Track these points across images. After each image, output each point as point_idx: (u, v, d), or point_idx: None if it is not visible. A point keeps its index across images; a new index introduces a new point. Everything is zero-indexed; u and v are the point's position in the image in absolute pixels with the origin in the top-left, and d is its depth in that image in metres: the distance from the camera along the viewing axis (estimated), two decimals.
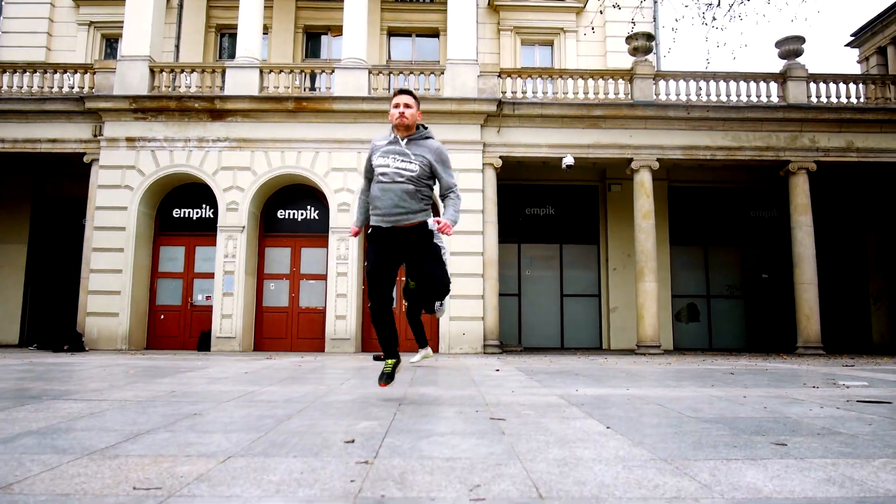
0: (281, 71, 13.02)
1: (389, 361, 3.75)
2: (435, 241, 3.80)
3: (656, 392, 4.73)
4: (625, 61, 14.89)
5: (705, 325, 15.54)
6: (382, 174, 3.56)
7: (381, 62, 16.01)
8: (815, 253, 12.89)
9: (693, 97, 13.08)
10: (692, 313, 15.55)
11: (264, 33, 16.44)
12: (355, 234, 3.93)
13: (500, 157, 12.83)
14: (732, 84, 13.20)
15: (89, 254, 12.59)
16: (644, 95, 12.86)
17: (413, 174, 3.52)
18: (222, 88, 12.92)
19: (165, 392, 4.50)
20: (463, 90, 12.68)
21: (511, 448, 2.50)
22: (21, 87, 13.06)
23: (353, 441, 2.61)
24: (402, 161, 3.53)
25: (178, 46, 16.09)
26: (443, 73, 12.90)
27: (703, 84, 13.16)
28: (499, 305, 12.82)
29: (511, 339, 14.82)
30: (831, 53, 55.42)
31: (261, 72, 12.91)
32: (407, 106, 3.57)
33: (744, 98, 13.14)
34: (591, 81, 13.15)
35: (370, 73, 12.90)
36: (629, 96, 13.00)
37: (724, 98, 13.09)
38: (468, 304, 12.31)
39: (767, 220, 15.75)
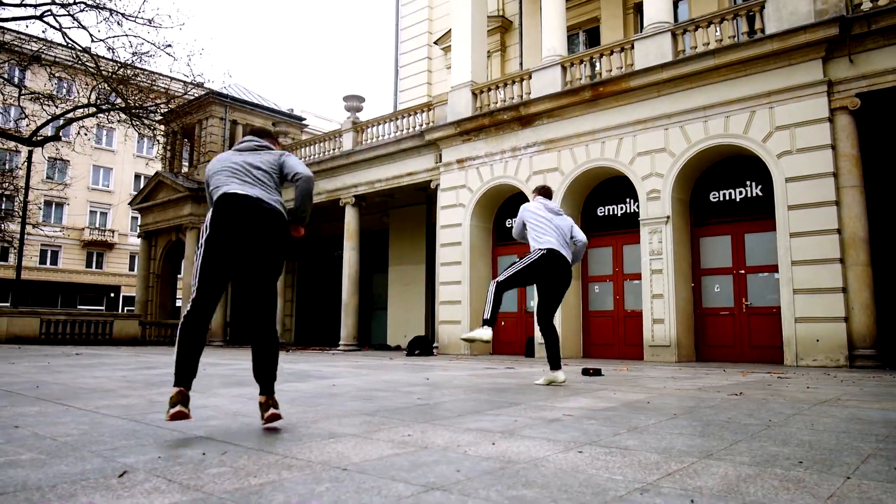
0: (581, 61, 12.28)
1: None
2: None
3: None
4: None
5: None
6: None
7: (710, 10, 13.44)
8: None
9: None
10: None
11: (595, 25, 15.86)
12: None
13: (858, 95, 9.22)
14: None
15: (439, 268, 14.14)
16: None
17: None
18: (530, 94, 12.91)
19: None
20: (792, 20, 9.63)
21: None
22: (383, 136, 15.70)
23: None
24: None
25: (521, 64, 16.84)
26: (762, 7, 10.07)
27: None
28: (885, 300, 9.16)
29: None
30: None
31: (562, 67, 12.43)
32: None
33: None
34: None
35: (673, 34, 11.01)
36: None
37: None
38: (819, 301, 9.16)
39: None
